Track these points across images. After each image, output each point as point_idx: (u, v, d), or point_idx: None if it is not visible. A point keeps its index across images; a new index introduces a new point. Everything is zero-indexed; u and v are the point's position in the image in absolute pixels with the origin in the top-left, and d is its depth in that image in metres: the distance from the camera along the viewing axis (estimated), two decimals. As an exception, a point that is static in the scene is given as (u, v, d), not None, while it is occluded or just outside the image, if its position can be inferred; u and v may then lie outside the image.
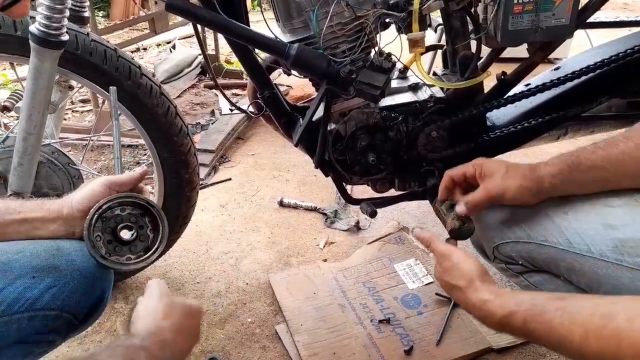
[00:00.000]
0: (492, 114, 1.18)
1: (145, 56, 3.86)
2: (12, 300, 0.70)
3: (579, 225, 0.78)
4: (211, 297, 1.46)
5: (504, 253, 0.91)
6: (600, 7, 1.04)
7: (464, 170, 0.89)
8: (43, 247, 0.74)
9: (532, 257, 0.85)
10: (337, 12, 0.96)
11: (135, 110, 1.25)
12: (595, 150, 0.78)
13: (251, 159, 2.29)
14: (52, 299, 0.72)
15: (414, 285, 1.44)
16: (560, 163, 0.81)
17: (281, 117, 1.16)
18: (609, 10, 4.88)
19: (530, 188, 0.81)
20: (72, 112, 2.82)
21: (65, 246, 0.77)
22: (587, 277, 0.76)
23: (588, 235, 0.76)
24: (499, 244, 0.91)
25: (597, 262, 0.74)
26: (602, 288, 0.74)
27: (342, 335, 1.28)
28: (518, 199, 0.82)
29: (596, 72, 1.05)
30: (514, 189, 0.82)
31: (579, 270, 0.77)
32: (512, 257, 0.89)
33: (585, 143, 0.81)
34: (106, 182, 0.78)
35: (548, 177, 0.80)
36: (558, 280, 0.84)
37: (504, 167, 0.85)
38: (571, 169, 0.79)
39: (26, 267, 0.72)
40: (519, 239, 0.86)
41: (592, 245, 0.75)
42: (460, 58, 1.09)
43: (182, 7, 0.94)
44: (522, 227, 0.86)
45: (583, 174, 0.78)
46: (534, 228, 0.84)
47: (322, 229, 1.77)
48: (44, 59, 1.06)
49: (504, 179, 0.83)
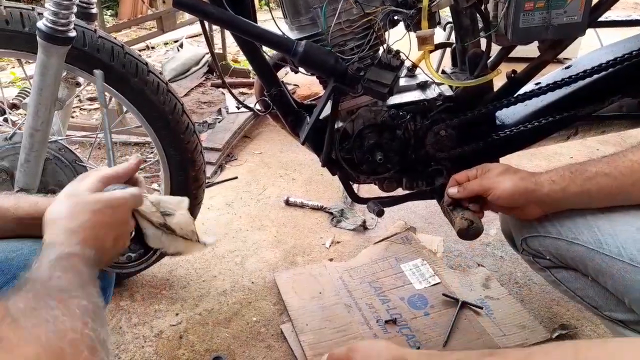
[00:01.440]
0: (501, 112, 1.17)
1: (153, 55, 3.88)
2: None
3: (611, 226, 0.76)
4: (217, 295, 1.46)
5: (532, 247, 0.90)
6: (612, 4, 1.02)
7: (468, 172, 0.92)
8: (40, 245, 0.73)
9: (561, 254, 0.84)
10: (345, 9, 0.95)
11: (142, 107, 1.25)
12: (601, 159, 0.76)
13: (258, 158, 2.29)
14: None
15: (420, 285, 1.43)
16: (562, 169, 0.79)
17: (288, 115, 1.15)
18: (619, 10, 4.84)
19: (525, 189, 0.80)
20: (79, 110, 2.83)
21: None
22: (614, 280, 0.74)
23: (621, 237, 0.74)
24: (527, 236, 0.90)
25: (626, 266, 0.72)
26: (629, 294, 0.72)
27: (348, 336, 1.27)
28: (509, 198, 0.82)
29: (608, 71, 1.03)
30: (507, 187, 0.82)
31: (607, 272, 0.75)
32: (539, 252, 0.88)
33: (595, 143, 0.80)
34: (101, 177, 0.73)
35: (547, 182, 0.79)
36: (585, 279, 0.82)
37: (503, 167, 0.87)
38: (574, 175, 0.77)
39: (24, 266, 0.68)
40: (548, 233, 0.85)
41: (624, 249, 0.73)
42: (470, 56, 1.08)
43: (189, 4, 0.93)
44: (554, 222, 0.84)
45: (587, 181, 0.75)
46: (566, 225, 0.82)
47: (329, 228, 1.76)
48: (51, 55, 1.06)
49: (499, 175, 0.85)
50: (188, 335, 1.31)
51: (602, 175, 0.74)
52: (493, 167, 0.88)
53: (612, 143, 2.27)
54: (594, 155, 2.08)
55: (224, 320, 1.37)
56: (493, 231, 1.71)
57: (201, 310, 1.40)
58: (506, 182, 0.82)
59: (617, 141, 2.29)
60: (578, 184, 0.76)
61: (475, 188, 0.88)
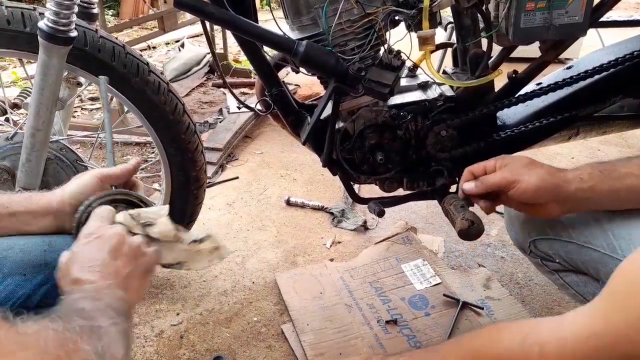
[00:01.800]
0: (502, 113, 1.17)
1: (154, 54, 3.88)
2: (3, 299, 0.67)
3: (627, 231, 0.72)
4: (217, 295, 1.46)
5: (541, 249, 0.87)
6: (614, 5, 1.02)
7: (485, 163, 0.83)
8: (33, 243, 0.71)
9: (571, 258, 0.81)
10: (346, 9, 0.95)
11: (143, 107, 1.25)
12: (631, 160, 0.72)
13: (259, 158, 2.29)
14: (44, 297, 0.69)
15: (421, 286, 1.42)
16: (591, 167, 0.74)
17: (289, 115, 1.15)
18: (621, 10, 4.84)
19: (553, 185, 0.74)
20: (81, 110, 2.83)
21: (57, 242, 0.73)
22: None
23: (636, 243, 0.71)
24: (536, 238, 0.86)
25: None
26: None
27: (349, 336, 1.27)
28: (534, 193, 0.75)
29: (609, 71, 1.03)
30: (533, 181, 0.74)
31: None
32: (549, 254, 0.85)
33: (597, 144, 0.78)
34: (99, 175, 0.74)
35: (576, 180, 0.73)
36: (596, 284, 0.79)
37: (528, 159, 0.79)
38: (603, 175, 0.72)
39: (17, 264, 0.68)
40: (559, 236, 0.81)
41: None
42: (471, 56, 1.07)
43: (190, 4, 0.93)
44: (565, 225, 0.80)
45: (617, 182, 0.71)
46: (578, 228, 0.78)
47: (329, 229, 1.76)
48: (52, 55, 1.07)
49: (525, 167, 0.76)
50: (189, 335, 1.32)
51: (632, 176, 0.71)
52: (515, 159, 0.80)
53: (614, 143, 2.27)
54: (596, 156, 2.10)
55: (225, 320, 1.37)
56: (494, 232, 1.71)
57: (202, 310, 1.40)
58: (532, 176, 0.75)
59: (619, 141, 2.28)
60: (607, 183, 0.72)
61: (497, 181, 0.78)
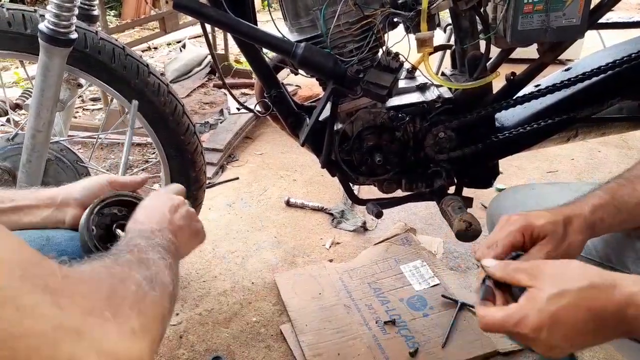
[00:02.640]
0: (501, 114, 1.17)
1: (156, 55, 3.89)
2: None
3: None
4: (217, 295, 1.46)
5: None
6: (611, 7, 1.02)
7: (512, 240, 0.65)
8: (32, 237, 0.71)
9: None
10: (344, 12, 0.96)
11: (143, 108, 1.26)
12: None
13: (259, 159, 2.30)
14: None
15: (420, 286, 1.43)
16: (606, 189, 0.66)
17: (288, 117, 1.15)
18: (622, 11, 4.83)
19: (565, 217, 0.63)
20: (82, 110, 2.84)
21: (55, 236, 0.73)
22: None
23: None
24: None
25: None
26: None
27: (347, 336, 1.28)
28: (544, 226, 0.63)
29: (607, 73, 1.03)
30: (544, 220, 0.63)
31: None
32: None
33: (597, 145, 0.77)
34: (109, 179, 0.78)
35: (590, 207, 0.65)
36: None
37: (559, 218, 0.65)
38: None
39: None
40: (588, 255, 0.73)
41: None
42: (469, 58, 1.08)
43: (189, 6, 0.94)
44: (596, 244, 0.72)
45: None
46: (613, 248, 0.71)
47: (329, 229, 1.76)
48: (52, 56, 1.07)
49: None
50: (188, 335, 1.32)
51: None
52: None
53: (614, 145, 2.27)
54: (596, 157, 2.10)
55: (224, 320, 1.37)
56: (493, 233, 1.71)
57: (201, 311, 1.40)
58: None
59: (619, 143, 2.28)
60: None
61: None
